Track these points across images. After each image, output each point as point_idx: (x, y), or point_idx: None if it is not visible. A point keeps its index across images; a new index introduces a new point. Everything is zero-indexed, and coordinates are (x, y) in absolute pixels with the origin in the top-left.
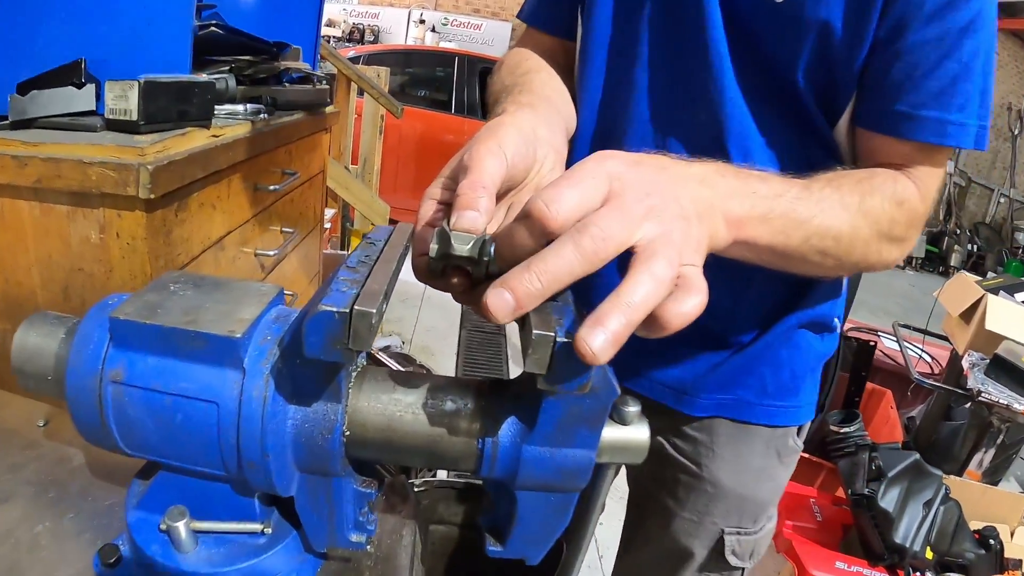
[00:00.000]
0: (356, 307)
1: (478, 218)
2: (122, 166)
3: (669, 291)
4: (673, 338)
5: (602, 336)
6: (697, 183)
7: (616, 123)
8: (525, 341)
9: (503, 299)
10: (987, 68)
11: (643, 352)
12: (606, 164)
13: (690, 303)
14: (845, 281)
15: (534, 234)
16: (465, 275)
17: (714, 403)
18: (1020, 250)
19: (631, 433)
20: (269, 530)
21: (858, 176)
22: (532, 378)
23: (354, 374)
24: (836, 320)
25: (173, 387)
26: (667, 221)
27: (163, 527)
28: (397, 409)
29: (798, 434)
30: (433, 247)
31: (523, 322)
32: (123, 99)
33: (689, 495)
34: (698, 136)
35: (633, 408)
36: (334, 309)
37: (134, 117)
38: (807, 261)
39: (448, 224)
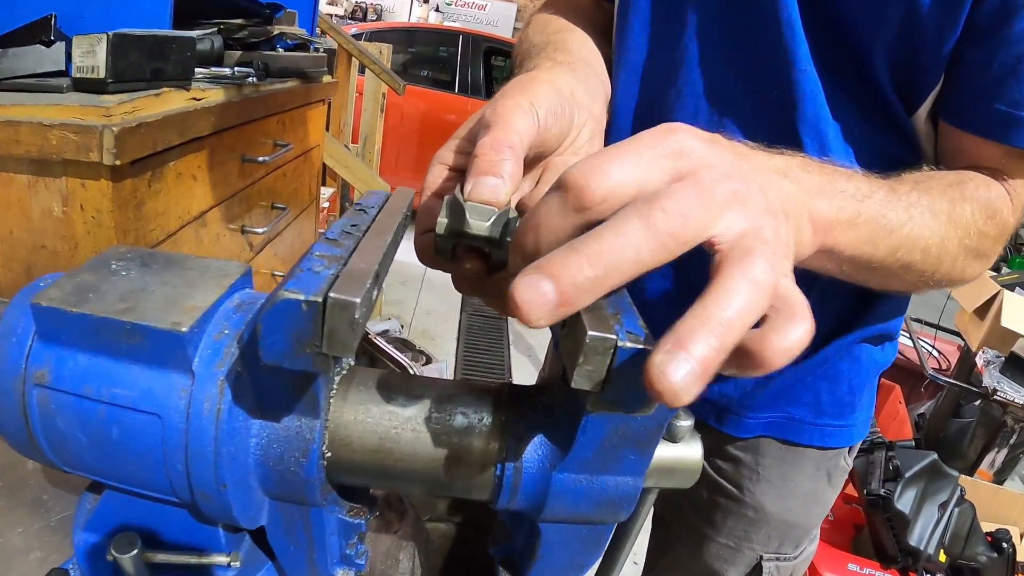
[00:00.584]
0: (332, 295)
1: (500, 186)
2: (85, 128)
3: (768, 305)
4: None
5: (686, 366)
6: (780, 176)
7: (662, 97)
8: (571, 345)
9: (539, 292)
10: None
11: None
12: (674, 136)
13: (796, 333)
14: None
15: (566, 213)
16: (482, 258)
17: (762, 423)
18: None
19: (683, 453)
20: (237, 563)
21: (948, 179)
22: (566, 385)
23: (337, 379)
24: (899, 330)
25: (107, 394)
26: (755, 214)
27: (109, 558)
28: (392, 424)
29: (849, 453)
30: (442, 222)
31: (567, 319)
32: (91, 55)
33: (727, 520)
34: (764, 117)
35: (685, 423)
36: (301, 297)
37: (101, 75)
38: (890, 275)
39: (462, 193)
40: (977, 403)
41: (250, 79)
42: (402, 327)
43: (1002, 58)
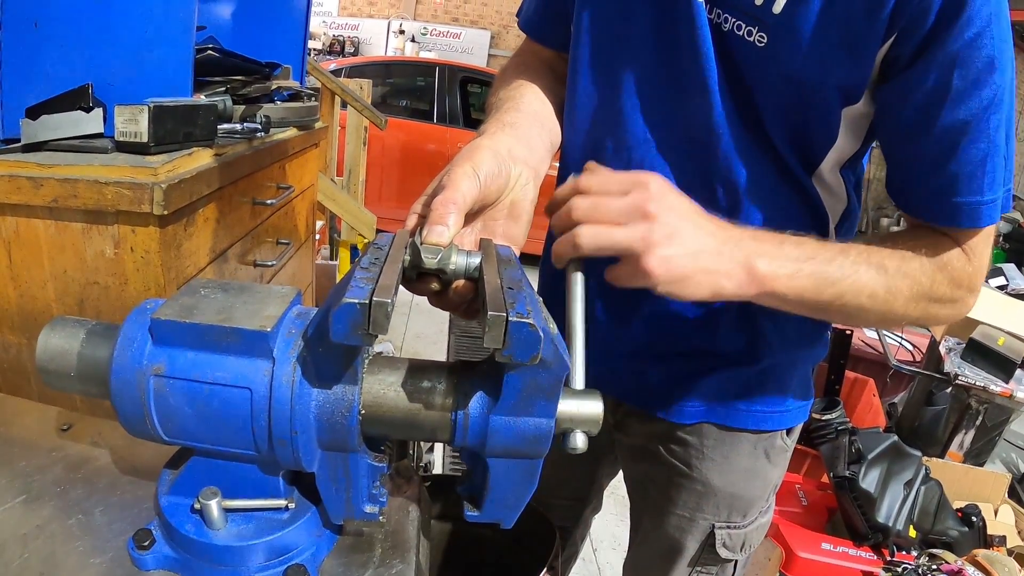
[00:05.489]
0: (375, 298)
1: (445, 232)
2: (136, 185)
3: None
4: (661, 350)
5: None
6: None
7: (603, 144)
8: (483, 322)
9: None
10: (1009, 134)
11: (635, 367)
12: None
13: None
14: None
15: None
16: (436, 279)
17: (702, 411)
18: (1000, 238)
19: (585, 404)
20: (292, 505)
21: (902, 239)
22: (496, 360)
23: (367, 362)
24: (828, 332)
25: (210, 377)
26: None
27: (197, 506)
28: (382, 388)
29: (788, 435)
30: (405, 259)
31: (482, 306)
32: (133, 122)
33: (681, 494)
34: (686, 168)
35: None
36: (356, 301)
37: (144, 139)
38: (845, 315)
39: (419, 237)
40: (948, 390)
41: (258, 133)
42: (395, 349)
43: (929, 153)
